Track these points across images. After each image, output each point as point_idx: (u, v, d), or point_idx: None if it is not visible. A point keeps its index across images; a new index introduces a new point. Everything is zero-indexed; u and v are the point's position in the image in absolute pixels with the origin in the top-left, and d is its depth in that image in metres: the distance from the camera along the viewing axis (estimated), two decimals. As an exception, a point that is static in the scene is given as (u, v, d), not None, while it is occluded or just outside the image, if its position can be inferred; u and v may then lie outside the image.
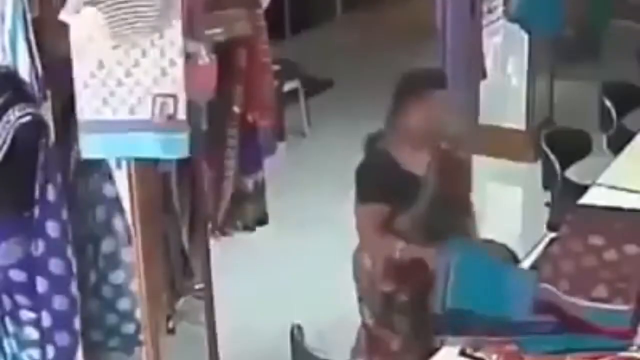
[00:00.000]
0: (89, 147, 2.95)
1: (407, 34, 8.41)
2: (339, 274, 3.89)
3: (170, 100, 2.92)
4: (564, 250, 3.13)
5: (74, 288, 2.89)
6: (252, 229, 4.43)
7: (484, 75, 6.22)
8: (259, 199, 4.37)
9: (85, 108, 2.92)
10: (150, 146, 2.97)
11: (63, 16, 2.85)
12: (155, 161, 3.28)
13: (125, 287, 3.18)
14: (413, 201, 3.54)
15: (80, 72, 2.90)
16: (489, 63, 6.24)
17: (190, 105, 2.98)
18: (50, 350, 2.91)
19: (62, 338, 2.89)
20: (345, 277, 3.78)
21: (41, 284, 2.85)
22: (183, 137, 2.97)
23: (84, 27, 2.85)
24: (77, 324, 2.92)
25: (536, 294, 2.98)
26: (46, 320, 2.87)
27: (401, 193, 3.52)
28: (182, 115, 2.94)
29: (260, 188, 4.34)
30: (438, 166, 3.61)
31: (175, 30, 2.89)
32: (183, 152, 3.02)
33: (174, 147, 2.99)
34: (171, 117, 2.93)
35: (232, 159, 4.15)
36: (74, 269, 2.89)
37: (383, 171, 3.58)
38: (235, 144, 4.12)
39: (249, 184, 4.27)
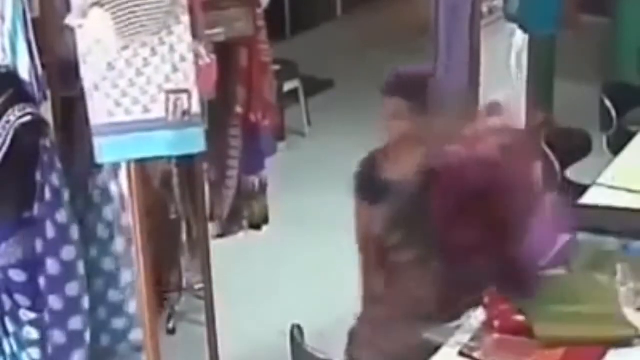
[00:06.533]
0: (104, 151, 2.94)
1: (407, 34, 8.40)
2: (339, 274, 3.88)
3: (184, 96, 2.93)
4: None
5: (71, 289, 2.88)
6: (258, 228, 4.44)
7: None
8: (263, 198, 4.39)
9: (97, 111, 2.91)
10: (166, 144, 2.98)
11: (69, 21, 2.84)
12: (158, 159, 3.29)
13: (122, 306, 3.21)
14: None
15: (89, 75, 2.89)
16: (489, 63, 6.25)
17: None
18: (49, 348, 2.94)
19: (59, 337, 2.91)
20: (345, 276, 3.78)
21: (41, 283, 2.87)
22: (198, 131, 2.98)
23: (91, 30, 2.84)
24: (74, 324, 2.92)
25: None
26: (46, 318, 2.90)
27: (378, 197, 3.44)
28: (196, 109, 2.95)
29: (264, 187, 4.36)
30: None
31: (183, 26, 2.89)
32: (199, 146, 3.03)
33: (189, 142, 3.01)
34: (186, 113, 2.93)
35: (235, 159, 4.16)
36: (77, 270, 2.89)
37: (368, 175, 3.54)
38: (238, 144, 4.13)
39: (255, 182, 4.28)
